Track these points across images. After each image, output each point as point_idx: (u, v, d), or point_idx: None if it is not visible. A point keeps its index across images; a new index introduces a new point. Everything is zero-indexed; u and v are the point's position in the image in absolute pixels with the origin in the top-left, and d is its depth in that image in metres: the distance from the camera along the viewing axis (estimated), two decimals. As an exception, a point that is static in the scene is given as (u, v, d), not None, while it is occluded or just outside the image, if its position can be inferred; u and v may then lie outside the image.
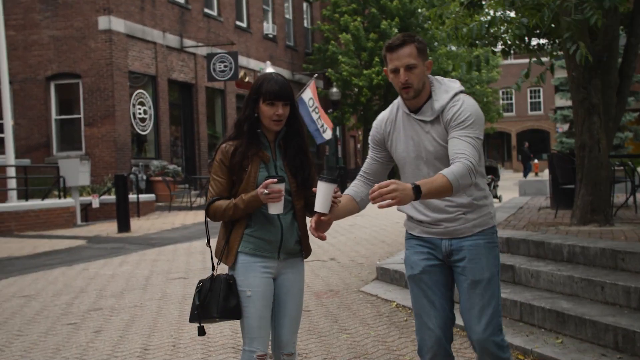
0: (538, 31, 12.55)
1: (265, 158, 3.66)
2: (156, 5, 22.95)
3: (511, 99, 61.36)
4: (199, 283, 3.71)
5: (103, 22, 20.70)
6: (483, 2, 11.42)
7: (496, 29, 11.42)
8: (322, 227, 3.53)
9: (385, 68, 3.63)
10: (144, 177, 20.89)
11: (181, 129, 25.03)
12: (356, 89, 32.74)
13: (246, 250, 3.63)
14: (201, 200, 21.70)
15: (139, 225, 16.30)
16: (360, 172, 3.83)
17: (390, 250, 11.02)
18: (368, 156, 3.83)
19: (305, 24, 35.35)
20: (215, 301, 3.59)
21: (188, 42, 24.56)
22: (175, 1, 24.07)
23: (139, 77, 22.33)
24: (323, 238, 3.52)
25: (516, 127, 61.61)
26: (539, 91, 61.62)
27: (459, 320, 3.81)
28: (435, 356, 3.65)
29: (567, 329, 5.51)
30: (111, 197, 17.84)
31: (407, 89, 3.51)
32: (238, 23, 28.33)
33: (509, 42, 11.27)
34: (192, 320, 3.71)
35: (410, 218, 3.70)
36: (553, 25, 10.39)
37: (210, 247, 3.80)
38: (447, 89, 3.55)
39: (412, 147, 3.58)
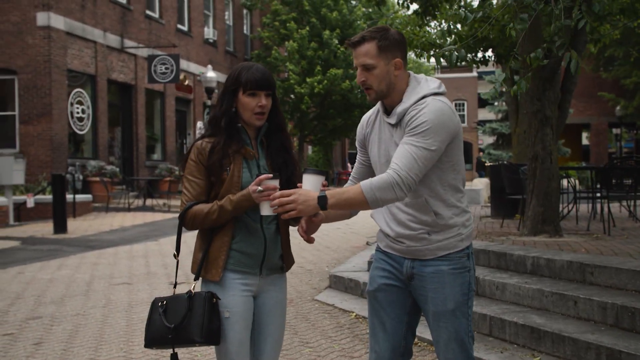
0: (485, 43, 12.60)
1: (248, 155, 3.21)
2: (97, 4, 22.31)
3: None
4: (159, 301, 3.16)
5: (42, 18, 19.92)
6: (437, 13, 11.34)
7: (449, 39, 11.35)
8: (312, 228, 3.16)
9: None
10: (81, 177, 20.26)
11: (119, 129, 24.41)
12: (293, 96, 32.54)
13: (226, 265, 3.18)
14: (139, 202, 21.23)
15: (76, 227, 15.65)
16: (350, 177, 3.49)
17: (337, 257, 10.78)
18: (357, 159, 3.49)
19: (245, 31, 35.10)
20: (198, 323, 3.05)
21: (129, 42, 23.96)
22: (116, 1, 23.45)
23: (78, 76, 21.64)
24: (311, 241, 3.17)
25: (442, 138, 62.56)
26: (463, 104, 62.79)
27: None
28: None
29: (543, 346, 5.29)
30: (46, 197, 17.16)
31: (367, 90, 3.16)
32: (179, 26, 27.91)
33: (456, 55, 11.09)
34: (153, 344, 3.17)
35: (380, 229, 3.34)
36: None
37: (178, 259, 3.31)
38: (419, 91, 3.11)
39: (382, 152, 3.21)
